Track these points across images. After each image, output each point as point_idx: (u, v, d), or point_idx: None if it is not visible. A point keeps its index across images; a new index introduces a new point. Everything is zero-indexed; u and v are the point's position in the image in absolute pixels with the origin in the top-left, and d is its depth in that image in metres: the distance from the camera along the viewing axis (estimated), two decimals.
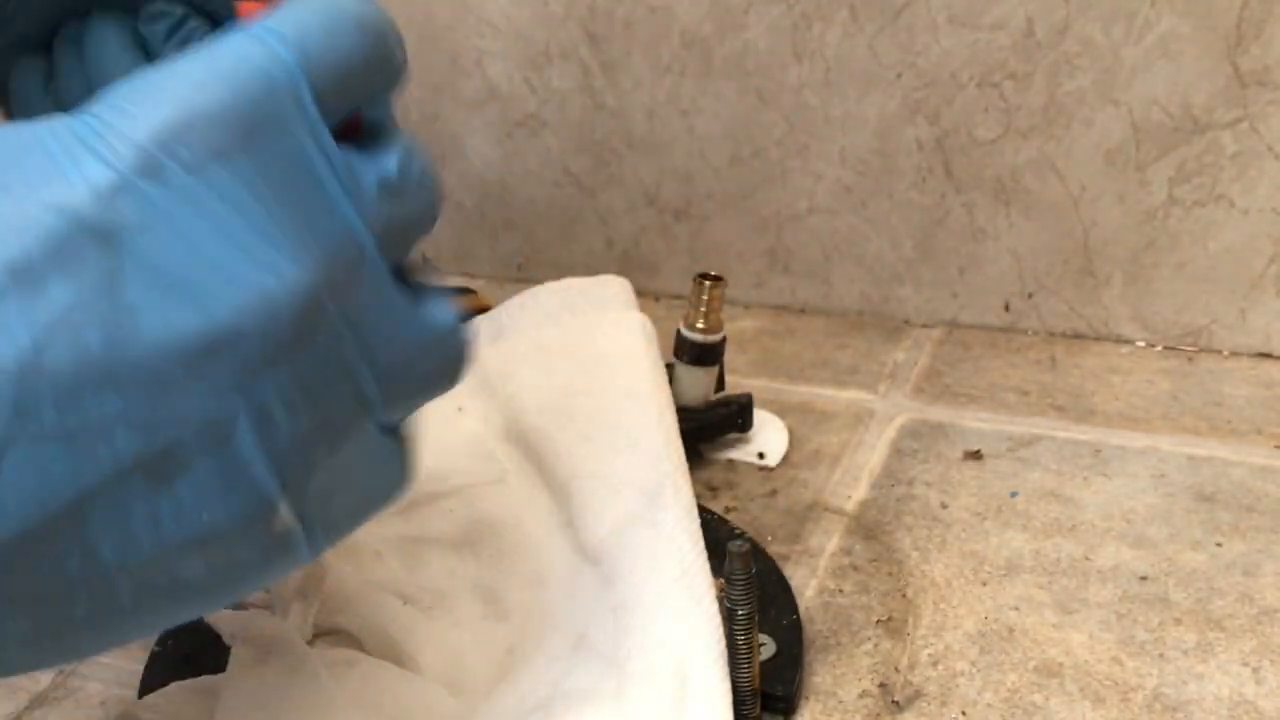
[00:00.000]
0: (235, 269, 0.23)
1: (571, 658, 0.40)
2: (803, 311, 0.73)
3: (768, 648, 0.41)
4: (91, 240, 0.21)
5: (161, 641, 0.44)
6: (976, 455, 0.55)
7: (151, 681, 0.42)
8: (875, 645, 0.43)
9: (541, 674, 0.40)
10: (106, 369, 0.21)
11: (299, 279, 0.23)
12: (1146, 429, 0.56)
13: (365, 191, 0.25)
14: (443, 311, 0.28)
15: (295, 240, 0.24)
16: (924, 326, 0.70)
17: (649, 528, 0.42)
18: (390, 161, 0.26)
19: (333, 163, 0.25)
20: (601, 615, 0.40)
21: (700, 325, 0.54)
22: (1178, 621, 0.43)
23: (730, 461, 0.56)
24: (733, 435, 0.56)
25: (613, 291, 0.54)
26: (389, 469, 0.29)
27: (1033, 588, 0.45)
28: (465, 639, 0.42)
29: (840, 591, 0.46)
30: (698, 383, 0.55)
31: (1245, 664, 0.41)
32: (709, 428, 0.55)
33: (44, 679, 0.44)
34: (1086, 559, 0.47)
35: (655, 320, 0.54)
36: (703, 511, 0.46)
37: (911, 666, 0.42)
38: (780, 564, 0.47)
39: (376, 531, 0.48)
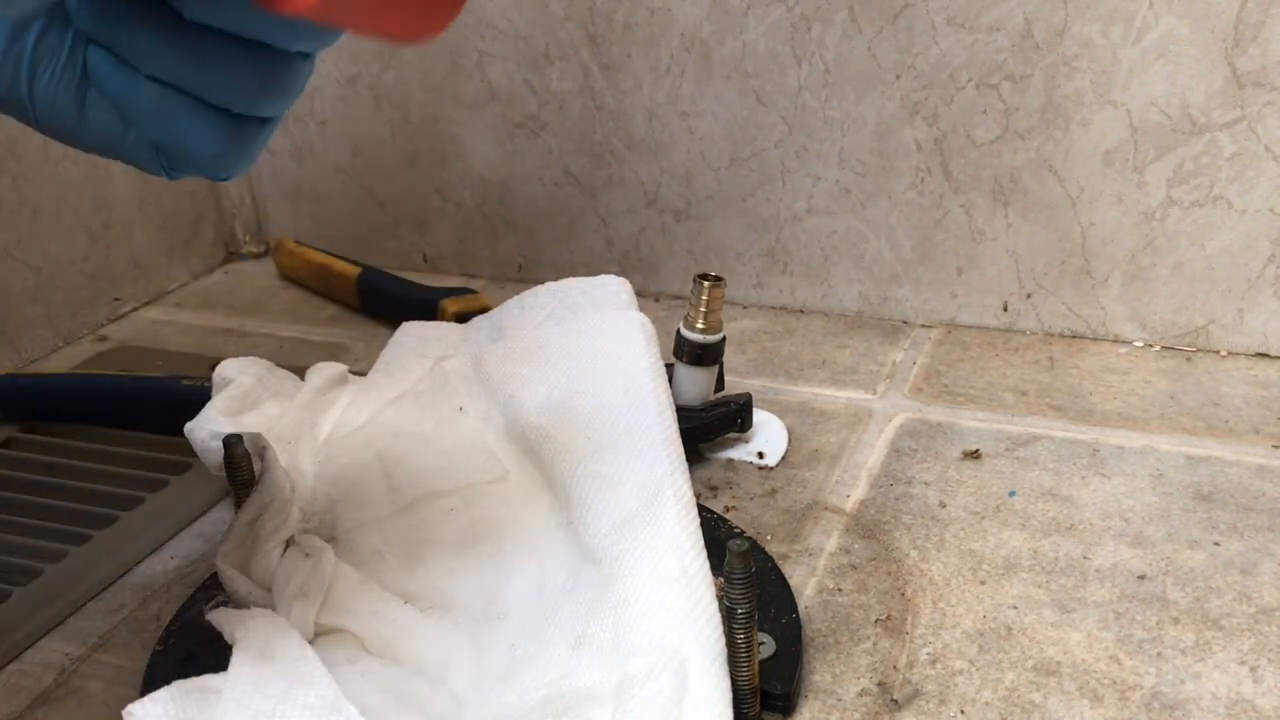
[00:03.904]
0: None
1: (571, 657, 0.40)
2: (802, 312, 0.73)
3: (767, 646, 0.41)
4: None
5: (163, 641, 0.44)
6: (975, 455, 0.55)
7: (153, 680, 0.42)
8: (874, 644, 0.43)
9: (541, 673, 0.40)
10: None
11: None
12: (1144, 429, 0.57)
13: None
14: None
15: None
16: (923, 326, 0.70)
17: (649, 527, 0.42)
18: None
19: None
20: (601, 614, 0.40)
21: (700, 325, 0.54)
22: (1176, 620, 0.43)
23: (730, 461, 0.56)
24: (732, 435, 0.56)
25: (613, 291, 0.54)
26: None
27: (1031, 587, 0.45)
28: (465, 638, 0.42)
29: (839, 590, 0.46)
30: (698, 383, 0.55)
31: (1243, 663, 0.41)
32: (709, 427, 0.55)
33: (46, 678, 0.44)
34: (1085, 558, 0.47)
35: (655, 320, 0.54)
36: (703, 511, 0.46)
37: (910, 665, 0.42)
38: (779, 563, 0.47)
39: (377, 531, 0.48)
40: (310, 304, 0.79)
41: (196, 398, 0.54)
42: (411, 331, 0.59)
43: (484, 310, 0.61)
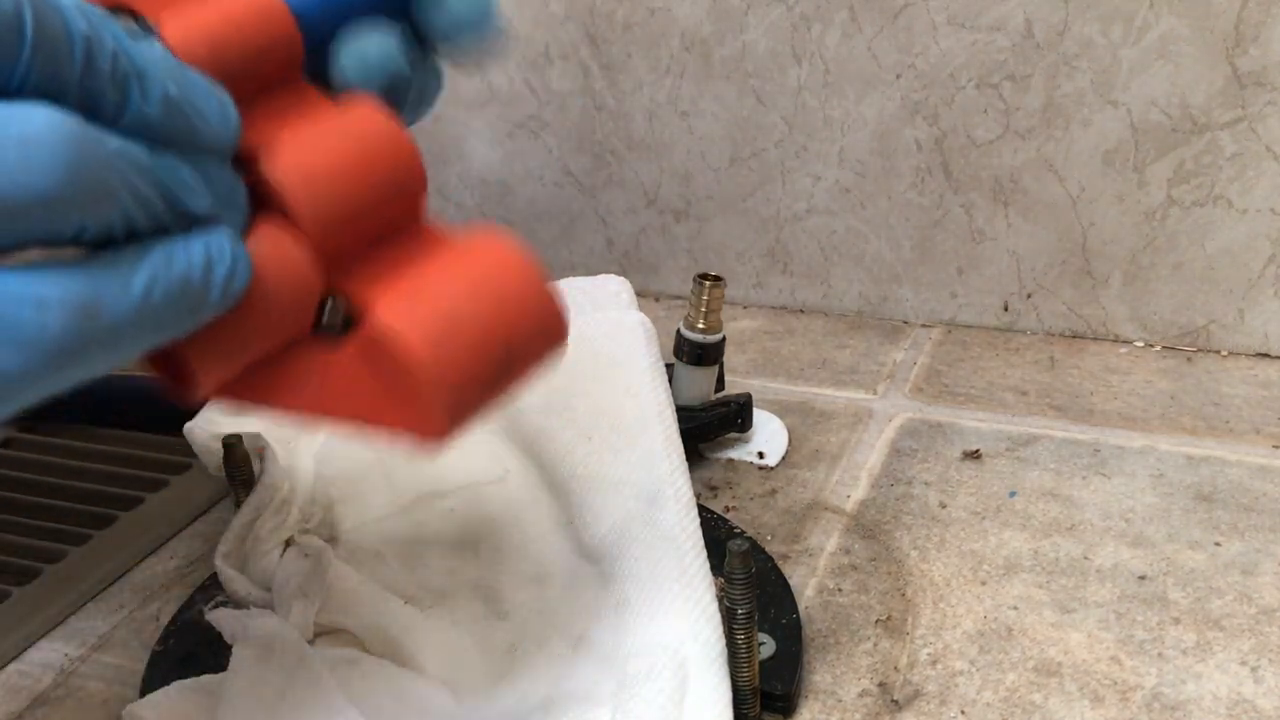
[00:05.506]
0: None
1: (571, 657, 0.40)
2: (802, 311, 0.73)
3: (767, 647, 0.41)
4: None
5: (163, 641, 0.44)
6: (975, 455, 0.55)
7: (153, 681, 0.42)
8: (874, 644, 0.43)
9: (541, 673, 0.40)
10: None
11: None
12: (1145, 429, 0.57)
13: None
14: None
15: None
16: (923, 326, 0.70)
17: (649, 527, 0.42)
18: None
19: None
20: (601, 614, 0.40)
21: (700, 325, 0.54)
22: (1176, 621, 0.43)
23: (730, 461, 0.56)
24: (732, 435, 0.56)
25: (613, 291, 0.54)
26: None
27: (1032, 587, 0.45)
28: (465, 638, 0.42)
29: (839, 591, 0.46)
30: (698, 383, 0.55)
31: (1244, 663, 0.41)
32: (709, 427, 0.55)
33: (46, 678, 0.44)
34: (1085, 558, 0.47)
35: (655, 320, 0.54)
36: (703, 511, 0.46)
37: (911, 666, 0.42)
38: (780, 563, 0.47)
39: (377, 531, 0.48)
40: None
41: None
42: None
43: None
